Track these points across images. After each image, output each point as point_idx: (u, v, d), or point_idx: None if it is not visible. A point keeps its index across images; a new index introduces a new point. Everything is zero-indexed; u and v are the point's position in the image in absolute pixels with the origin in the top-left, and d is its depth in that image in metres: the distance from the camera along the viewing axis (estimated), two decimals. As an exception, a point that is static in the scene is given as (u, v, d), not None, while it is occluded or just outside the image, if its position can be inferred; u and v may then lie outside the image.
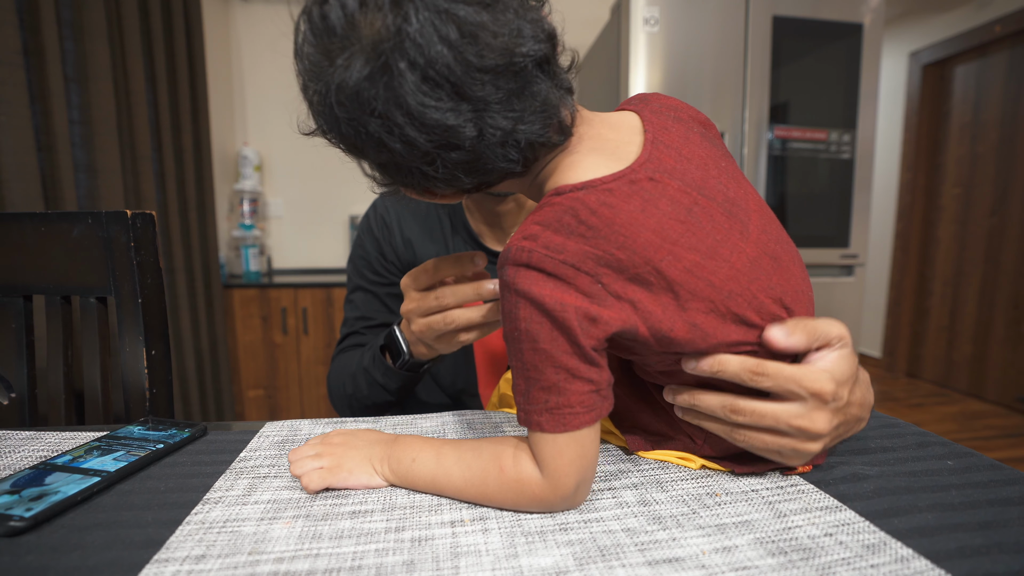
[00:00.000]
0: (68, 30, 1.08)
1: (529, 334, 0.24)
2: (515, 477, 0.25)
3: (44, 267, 0.45)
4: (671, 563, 0.21)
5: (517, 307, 0.24)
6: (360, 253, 0.56)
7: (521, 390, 0.25)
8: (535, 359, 0.24)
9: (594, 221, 0.23)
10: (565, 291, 0.23)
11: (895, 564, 0.21)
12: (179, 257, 1.42)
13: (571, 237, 0.23)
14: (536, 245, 0.24)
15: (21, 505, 0.24)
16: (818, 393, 0.24)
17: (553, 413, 0.24)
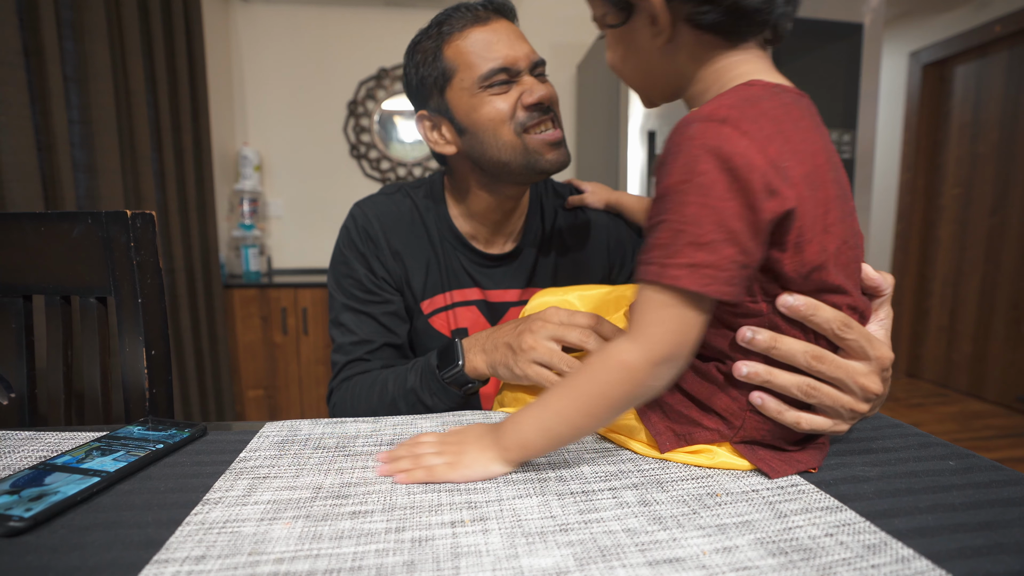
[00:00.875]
0: (68, 30, 1.08)
1: (702, 187, 0.24)
2: (601, 361, 0.26)
3: (44, 267, 0.45)
4: (672, 563, 0.21)
5: (696, 160, 0.24)
6: (345, 271, 0.51)
7: (662, 243, 0.25)
8: (699, 213, 0.24)
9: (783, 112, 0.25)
10: (755, 155, 0.24)
11: (896, 564, 0.21)
12: (179, 257, 1.42)
13: (764, 117, 0.25)
14: (733, 111, 0.25)
15: (21, 505, 0.24)
16: (881, 358, 0.27)
17: (696, 270, 0.24)
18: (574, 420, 0.27)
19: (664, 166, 0.26)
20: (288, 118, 1.88)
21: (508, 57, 0.46)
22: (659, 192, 0.26)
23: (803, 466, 0.29)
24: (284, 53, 1.85)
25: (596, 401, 0.27)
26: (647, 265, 0.25)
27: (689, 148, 0.25)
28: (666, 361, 0.25)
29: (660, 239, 0.25)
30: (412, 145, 1.96)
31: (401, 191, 0.55)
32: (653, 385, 0.26)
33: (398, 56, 1.92)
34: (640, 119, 1.26)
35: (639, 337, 0.25)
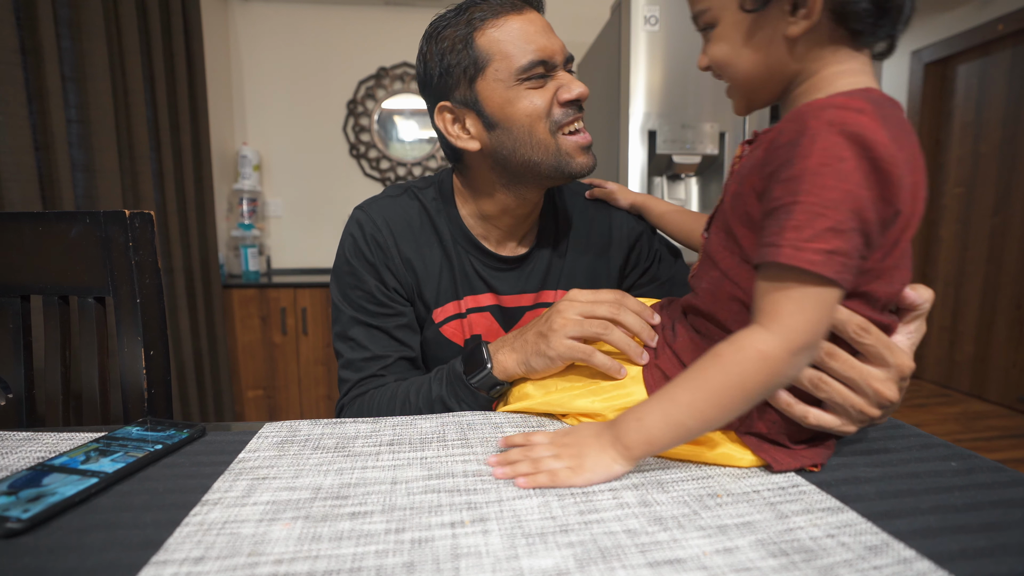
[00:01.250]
0: (65, 29, 1.07)
1: (842, 173, 0.23)
2: (734, 351, 0.25)
3: (42, 267, 0.45)
4: (672, 564, 0.21)
5: (837, 145, 0.24)
6: (352, 283, 0.48)
7: (797, 224, 0.24)
8: (837, 197, 0.23)
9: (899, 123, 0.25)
10: (895, 150, 0.24)
11: (897, 565, 0.21)
12: (178, 257, 1.42)
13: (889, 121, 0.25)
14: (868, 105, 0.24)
15: (18, 506, 0.24)
16: (901, 366, 0.27)
17: (832, 257, 0.23)
18: (706, 413, 0.26)
19: (795, 147, 0.25)
20: (287, 117, 1.88)
21: (546, 49, 0.44)
22: (791, 173, 0.25)
23: (808, 461, 0.29)
24: (283, 52, 1.84)
25: (731, 393, 0.26)
26: (778, 247, 0.24)
27: (828, 133, 0.24)
28: (805, 349, 0.25)
29: (795, 221, 0.24)
30: (412, 144, 1.96)
31: (408, 192, 0.52)
32: (790, 375, 0.26)
33: (398, 55, 1.92)
34: (640, 119, 1.25)
35: (775, 325, 0.25)
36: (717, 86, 1.24)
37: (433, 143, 1.96)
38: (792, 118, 0.26)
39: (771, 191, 0.26)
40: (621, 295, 0.37)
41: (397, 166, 1.95)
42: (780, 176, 0.25)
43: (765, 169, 0.27)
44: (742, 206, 0.30)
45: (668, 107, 1.24)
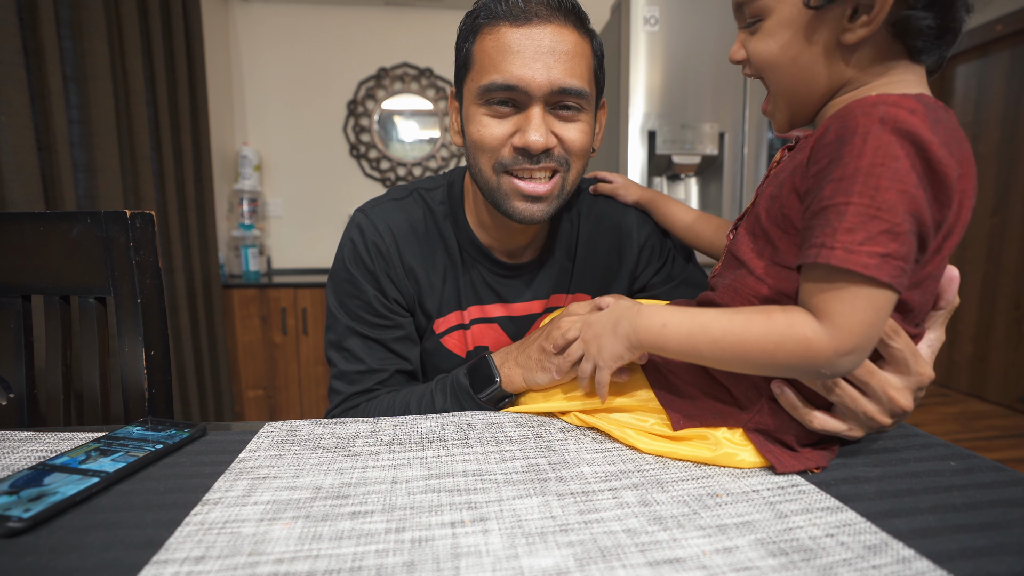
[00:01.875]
0: (67, 29, 1.08)
1: (898, 173, 0.22)
2: (786, 322, 0.25)
3: (43, 267, 0.45)
4: (672, 564, 0.21)
5: (890, 145, 0.22)
6: (351, 291, 0.45)
7: (851, 226, 0.23)
8: (894, 199, 0.22)
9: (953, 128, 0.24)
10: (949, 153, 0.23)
11: (897, 565, 0.21)
12: (178, 257, 1.42)
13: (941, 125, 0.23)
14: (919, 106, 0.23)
15: (20, 506, 0.24)
16: (922, 375, 0.27)
17: (887, 261, 0.22)
18: (726, 354, 0.26)
19: (845, 144, 0.24)
20: (288, 118, 1.88)
21: (518, 76, 0.37)
22: (843, 172, 0.24)
23: (811, 464, 0.29)
24: (284, 53, 1.84)
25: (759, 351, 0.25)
26: (830, 249, 0.23)
27: (881, 131, 0.23)
28: (852, 352, 0.24)
29: (849, 222, 0.23)
30: (412, 145, 1.96)
31: (413, 195, 0.48)
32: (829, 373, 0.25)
33: (398, 56, 1.92)
34: (640, 119, 1.26)
35: (830, 323, 0.24)
36: (716, 88, 1.25)
37: (433, 143, 1.97)
38: (839, 115, 0.25)
39: (820, 190, 0.24)
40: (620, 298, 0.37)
41: (397, 166, 1.95)
42: (830, 175, 0.24)
43: (811, 168, 0.26)
44: (778, 208, 0.28)
45: (668, 107, 1.24)
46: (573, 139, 0.40)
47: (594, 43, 0.42)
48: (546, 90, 0.38)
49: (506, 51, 0.38)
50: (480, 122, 0.40)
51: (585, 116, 0.41)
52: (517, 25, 0.38)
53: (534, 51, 0.38)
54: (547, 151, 0.40)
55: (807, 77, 0.28)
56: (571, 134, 0.40)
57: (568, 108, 0.40)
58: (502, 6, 0.39)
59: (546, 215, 0.42)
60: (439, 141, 1.96)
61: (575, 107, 0.40)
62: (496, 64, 0.39)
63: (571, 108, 0.40)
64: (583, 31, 0.40)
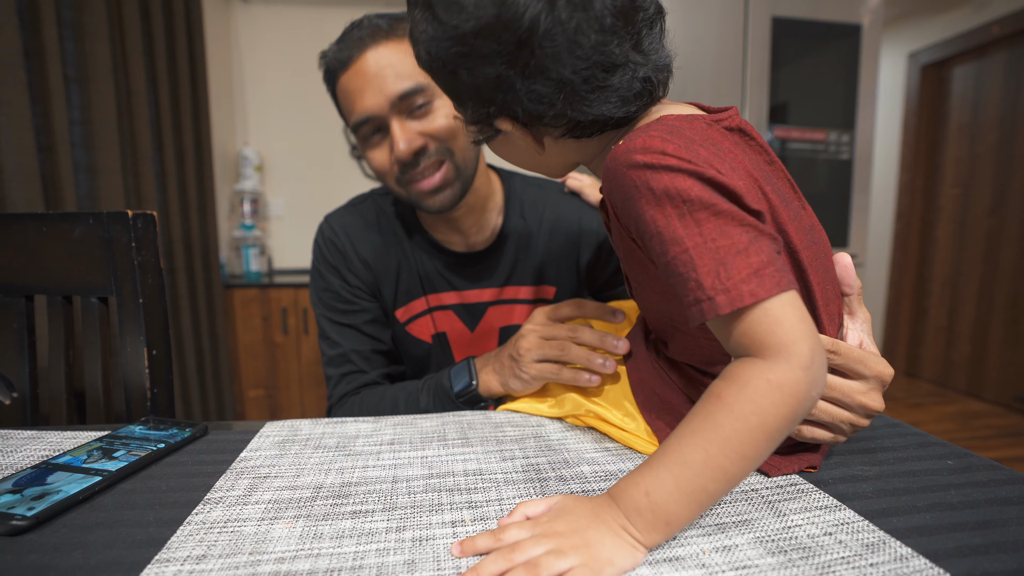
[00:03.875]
0: (69, 31, 1.08)
1: (702, 201, 0.22)
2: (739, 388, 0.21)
3: (45, 267, 0.46)
4: (671, 562, 0.21)
5: (672, 181, 0.22)
6: (322, 285, 0.52)
7: (710, 270, 0.22)
8: (719, 224, 0.22)
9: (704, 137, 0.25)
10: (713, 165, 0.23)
11: (894, 563, 0.21)
12: (180, 257, 1.42)
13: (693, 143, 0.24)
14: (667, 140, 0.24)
15: (23, 504, 0.24)
16: (880, 375, 0.27)
17: (761, 275, 0.21)
18: (727, 470, 0.21)
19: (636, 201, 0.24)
20: (289, 118, 1.88)
21: (361, 109, 0.43)
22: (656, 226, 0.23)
23: (805, 464, 0.29)
24: (285, 53, 1.85)
25: (753, 438, 0.21)
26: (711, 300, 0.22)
27: (653, 180, 0.23)
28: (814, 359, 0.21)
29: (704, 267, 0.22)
30: (412, 145, 1.96)
31: (369, 199, 0.55)
32: (813, 394, 0.21)
33: (398, 57, 1.92)
34: (640, 120, 1.26)
35: (769, 351, 0.21)
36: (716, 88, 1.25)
37: (433, 144, 1.97)
38: (606, 176, 0.25)
39: (652, 251, 0.24)
40: (577, 303, 0.39)
41: (397, 167, 1.95)
42: (648, 236, 0.24)
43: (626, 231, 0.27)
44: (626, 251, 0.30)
45: (667, 109, 1.25)
46: (437, 128, 0.44)
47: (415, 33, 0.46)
48: (388, 105, 0.43)
49: (348, 94, 0.45)
50: (368, 156, 0.47)
51: (439, 103, 0.45)
52: (345, 70, 0.44)
53: (363, 82, 0.43)
54: (421, 151, 0.44)
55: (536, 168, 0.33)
56: (433, 125, 0.44)
57: (419, 104, 0.44)
58: (332, 62, 0.45)
59: (456, 197, 0.47)
60: (439, 142, 1.96)
61: (423, 101, 0.44)
62: (349, 108, 0.45)
63: (420, 103, 0.44)
64: (397, 37, 0.44)
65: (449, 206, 0.47)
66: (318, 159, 1.91)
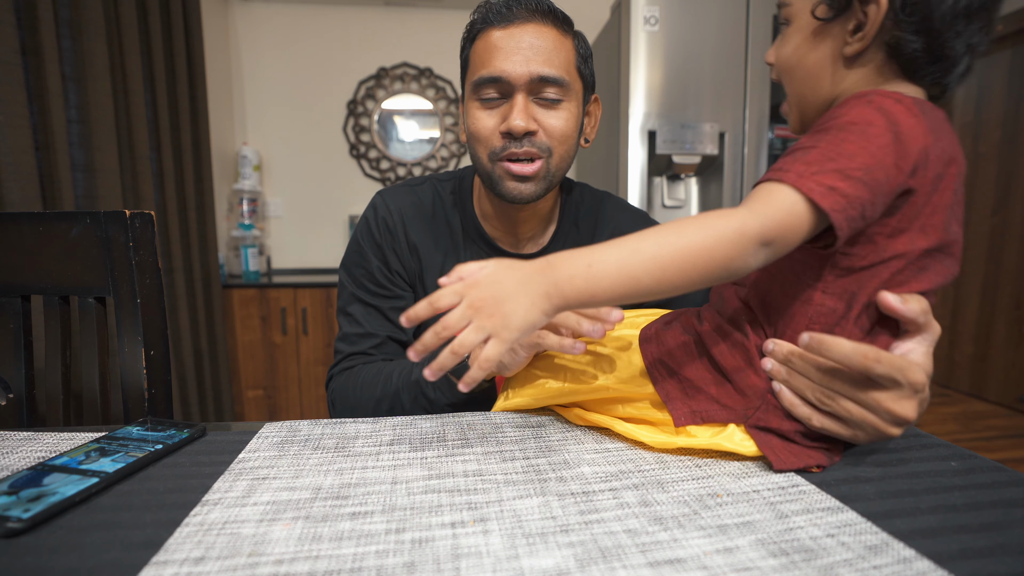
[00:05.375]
0: (66, 29, 1.07)
1: (866, 134, 0.25)
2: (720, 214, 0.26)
3: (42, 267, 0.45)
4: (673, 564, 0.21)
5: (870, 115, 0.26)
6: (358, 261, 0.50)
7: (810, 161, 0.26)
8: (855, 151, 0.25)
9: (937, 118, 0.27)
10: (919, 132, 0.26)
11: (897, 565, 0.21)
12: (178, 257, 1.42)
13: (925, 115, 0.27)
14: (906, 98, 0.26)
15: (19, 506, 0.24)
16: (914, 383, 0.26)
17: (832, 192, 0.25)
18: (666, 272, 0.25)
19: (832, 118, 0.27)
20: (287, 118, 1.88)
21: (501, 69, 0.42)
22: (820, 127, 0.27)
23: (812, 461, 0.29)
24: (283, 52, 1.84)
25: (699, 254, 0.25)
26: (784, 172, 0.26)
27: (865, 108, 0.26)
28: (770, 243, 0.25)
29: (809, 157, 0.26)
30: (412, 144, 1.96)
31: (428, 182, 0.54)
32: (748, 262, 0.26)
33: (398, 56, 1.92)
34: (640, 119, 1.25)
35: (755, 211, 0.25)
36: (716, 88, 1.25)
37: (433, 143, 1.97)
38: (834, 105, 0.28)
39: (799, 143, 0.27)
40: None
41: (397, 166, 1.95)
42: (811, 132, 0.27)
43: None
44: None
45: (668, 107, 1.24)
46: (554, 125, 0.44)
47: (576, 42, 0.47)
48: (526, 79, 0.43)
49: (492, 49, 0.43)
50: (473, 115, 0.46)
51: (567, 105, 0.45)
52: (501, 27, 0.44)
53: (515, 46, 0.43)
54: (529, 135, 0.44)
55: (813, 82, 0.31)
56: (552, 121, 0.44)
57: (549, 97, 0.44)
58: (491, 13, 0.44)
59: (535, 195, 0.46)
60: (439, 141, 1.96)
61: (556, 96, 0.44)
62: (484, 61, 0.44)
63: (552, 97, 0.44)
64: (563, 30, 0.45)
65: (526, 199, 0.46)
66: (317, 159, 1.91)
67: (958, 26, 0.27)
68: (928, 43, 0.27)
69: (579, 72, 0.46)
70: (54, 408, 0.46)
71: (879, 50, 0.29)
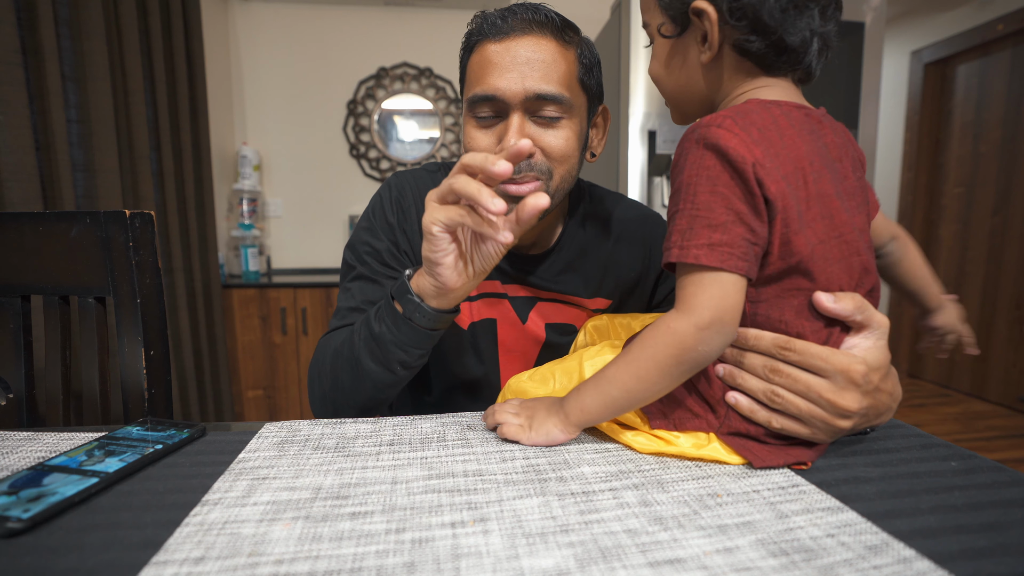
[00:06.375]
0: (66, 29, 1.08)
1: (710, 178, 0.28)
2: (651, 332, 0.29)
3: (42, 267, 0.45)
4: (672, 564, 0.21)
5: (702, 156, 0.28)
6: (366, 238, 0.48)
7: (682, 229, 0.28)
8: (710, 199, 0.27)
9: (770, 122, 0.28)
10: (745, 151, 0.27)
11: (897, 565, 0.21)
12: (178, 257, 1.42)
13: (752, 125, 0.28)
14: (727, 119, 0.28)
15: (19, 506, 0.24)
16: (845, 371, 0.27)
17: (713, 249, 0.27)
18: (629, 386, 0.29)
19: (676, 166, 0.30)
20: (287, 117, 1.88)
21: (495, 87, 0.40)
22: (674, 188, 0.29)
23: (792, 459, 0.29)
24: (283, 52, 1.84)
25: (647, 366, 0.29)
26: (669, 249, 0.29)
27: (695, 149, 0.29)
28: (710, 325, 0.27)
29: (679, 226, 0.28)
30: (412, 145, 1.96)
31: (443, 169, 0.52)
32: (701, 350, 0.28)
33: (398, 56, 1.92)
34: (640, 119, 1.25)
35: (682, 306, 0.28)
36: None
37: (433, 143, 1.97)
38: (679, 143, 0.30)
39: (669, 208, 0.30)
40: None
41: (397, 166, 1.95)
42: (671, 193, 0.30)
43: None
44: None
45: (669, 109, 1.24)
46: (552, 145, 0.41)
47: (580, 52, 0.43)
48: (521, 97, 0.40)
49: (486, 65, 0.41)
50: (469, 134, 0.43)
51: (567, 123, 0.42)
52: (497, 40, 0.41)
53: (510, 62, 0.40)
54: (527, 159, 0.41)
55: (684, 88, 0.34)
56: (551, 140, 0.41)
57: (548, 115, 0.41)
58: (486, 25, 0.42)
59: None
60: (439, 141, 1.96)
61: (554, 114, 0.41)
62: (479, 78, 0.41)
63: (550, 115, 0.41)
64: (563, 41, 0.42)
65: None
66: (317, 159, 1.91)
67: (789, 18, 0.29)
68: (767, 39, 0.30)
69: (582, 84, 0.43)
70: (54, 408, 0.46)
71: (731, 51, 0.31)
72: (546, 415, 0.32)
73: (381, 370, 0.40)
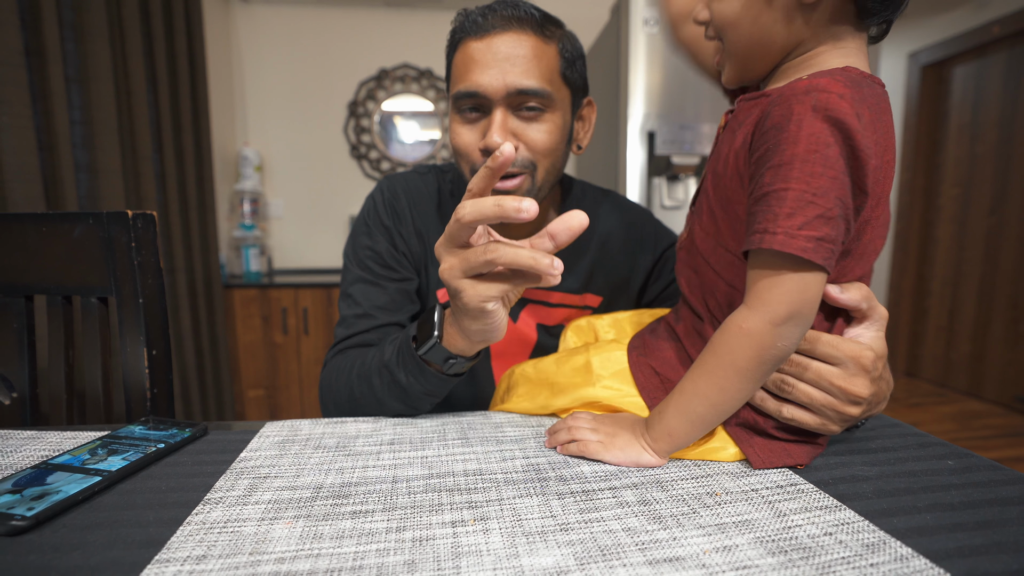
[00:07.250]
0: (69, 31, 1.08)
1: (829, 160, 0.24)
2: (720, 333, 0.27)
3: (45, 267, 0.46)
4: (672, 563, 0.21)
5: (823, 132, 0.24)
6: (365, 243, 0.48)
7: (790, 212, 0.24)
8: (826, 185, 0.24)
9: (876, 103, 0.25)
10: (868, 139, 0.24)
11: (894, 563, 0.21)
12: (180, 257, 1.42)
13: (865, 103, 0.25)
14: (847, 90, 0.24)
15: (23, 504, 0.24)
16: (856, 358, 0.27)
17: (821, 244, 0.24)
18: (711, 398, 0.27)
19: (782, 132, 0.25)
20: (289, 118, 1.88)
21: (477, 83, 0.40)
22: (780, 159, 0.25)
23: (791, 460, 0.29)
24: (285, 54, 1.85)
25: (726, 373, 0.27)
26: (772, 234, 0.25)
27: (814, 119, 0.24)
28: (787, 320, 0.25)
29: (788, 208, 0.25)
30: (412, 145, 1.97)
31: (432, 172, 0.53)
32: (780, 345, 0.26)
33: (398, 56, 1.93)
34: (640, 119, 1.26)
35: (755, 302, 0.26)
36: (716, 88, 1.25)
37: (434, 144, 1.97)
38: (777, 101, 0.26)
39: (761, 176, 0.26)
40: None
41: (398, 167, 1.95)
42: (769, 161, 0.26)
43: (753, 155, 0.27)
44: (722, 189, 0.30)
45: (667, 108, 1.25)
46: (536, 139, 0.42)
47: (561, 46, 0.43)
48: (503, 92, 0.40)
49: (469, 62, 0.41)
50: (454, 130, 0.44)
51: (550, 116, 0.42)
52: (478, 37, 0.41)
53: (491, 58, 0.40)
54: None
55: (764, 37, 0.29)
56: (534, 134, 0.42)
57: (531, 109, 0.42)
58: (468, 22, 0.42)
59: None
60: (439, 141, 1.96)
61: (537, 107, 0.42)
62: (462, 75, 0.42)
63: (533, 108, 0.42)
64: (544, 36, 0.42)
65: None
66: (318, 159, 1.91)
67: None
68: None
69: (564, 79, 0.43)
70: (57, 407, 0.46)
71: None
72: (631, 436, 0.30)
73: (408, 408, 0.39)
